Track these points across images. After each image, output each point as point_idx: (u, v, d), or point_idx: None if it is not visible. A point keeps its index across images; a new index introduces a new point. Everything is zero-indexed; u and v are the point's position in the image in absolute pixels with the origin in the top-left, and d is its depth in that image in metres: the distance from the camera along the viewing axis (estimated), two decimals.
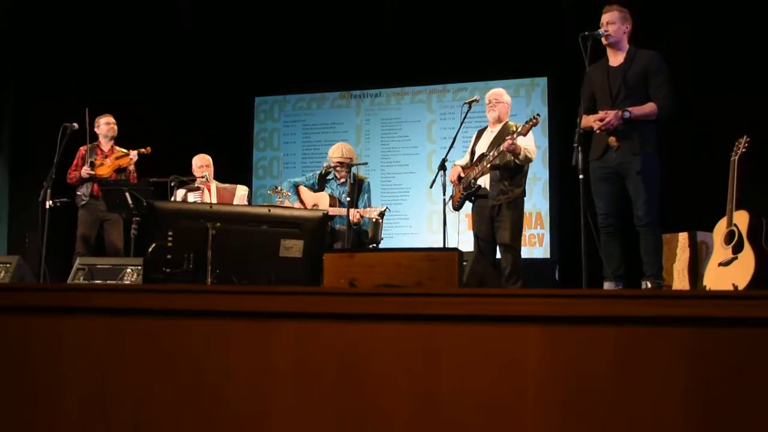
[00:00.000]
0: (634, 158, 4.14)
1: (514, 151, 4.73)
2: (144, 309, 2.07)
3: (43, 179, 5.63)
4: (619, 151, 4.19)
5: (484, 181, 4.94)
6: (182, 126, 7.58)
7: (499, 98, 5.11)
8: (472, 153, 5.15)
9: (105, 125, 6.18)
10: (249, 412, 1.95)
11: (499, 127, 5.05)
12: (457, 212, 5.31)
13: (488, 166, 4.88)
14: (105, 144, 6.21)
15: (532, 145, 4.92)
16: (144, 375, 2.03)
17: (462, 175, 5.09)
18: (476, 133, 5.27)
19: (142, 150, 6.08)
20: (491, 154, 4.86)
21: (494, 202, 4.86)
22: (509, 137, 4.73)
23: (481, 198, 4.97)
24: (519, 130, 4.73)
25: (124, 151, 6.15)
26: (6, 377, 2.10)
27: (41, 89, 7.34)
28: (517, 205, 4.88)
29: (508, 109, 5.15)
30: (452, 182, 5.15)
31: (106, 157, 6.12)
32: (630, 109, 4.14)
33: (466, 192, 5.02)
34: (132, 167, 6.11)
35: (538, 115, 4.79)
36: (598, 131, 4.22)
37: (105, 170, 6.03)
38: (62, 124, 5.66)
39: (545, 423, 1.81)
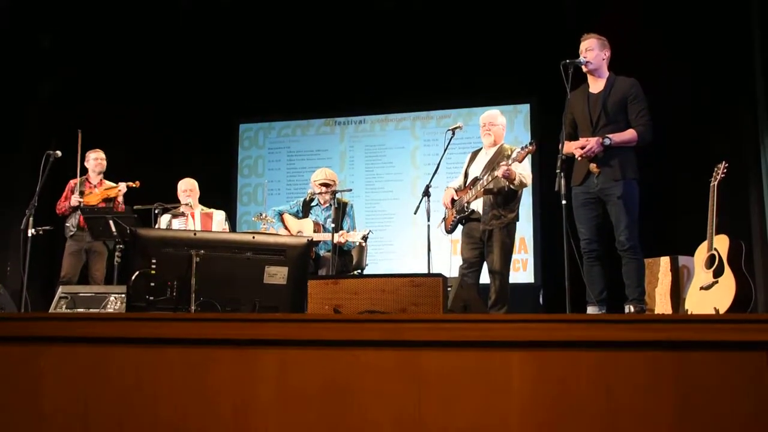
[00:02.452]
0: (615, 184, 4.18)
1: (509, 176, 4.71)
2: (127, 338, 2.07)
3: (25, 207, 5.59)
4: (600, 177, 4.23)
5: (477, 205, 4.91)
6: (166, 152, 7.58)
7: (494, 121, 5.07)
8: (466, 175, 5.13)
9: (93, 160, 6.26)
10: None
11: (494, 149, 5.02)
12: (445, 237, 5.28)
13: (482, 190, 4.85)
14: (94, 178, 6.28)
15: (528, 170, 4.90)
16: (126, 404, 2.02)
17: (455, 197, 5.06)
18: (470, 154, 5.23)
19: (131, 183, 6.14)
20: (485, 178, 4.83)
21: (486, 227, 4.83)
22: (504, 163, 4.71)
23: (473, 221, 4.94)
24: (514, 156, 4.70)
25: (113, 184, 6.21)
26: None
27: (25, 117, 7.31)
28: (509, 230, 4.85)
29: (503, 132, 5.12)
30: (445, 205, 5.12)
31: (95, 188, 6.20)
32: (610, 136, 4.19)
33: (459, 216, 4.98)
34: (120, 199, 6.17)
35: (534, 142, 4.73)
36: (579, 158, 4.27)
37: (93, 198, 6.08)
38: (45, 152, 5.64)
39: None
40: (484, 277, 4.98)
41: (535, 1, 6.80)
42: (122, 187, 6.11)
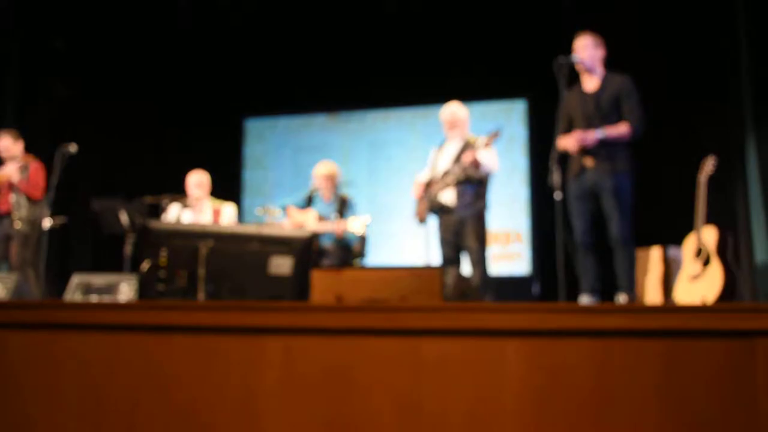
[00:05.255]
0: (609, 178, 4.25)
1: (474, 163, 4.77)
2: (138, 325, 2.12)
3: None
4: (595, 171, 4.30)
5: (448, 197, 4.93)
6: (174, 148, 7.65)
7: (457, 113, 5.11)
8: (436, 169, 5.13)
9: None
10: (239, 425, 2.00)
11: (458, 141, 5.06)
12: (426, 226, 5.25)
13: (454, 180, 4.88)
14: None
15: (495, 157, 4.93)
16: (138, 389, 2.07)
17: (427, 190, 5.06)
18: (436, 149, 5.24)
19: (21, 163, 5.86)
20: (454, 169, 4.88)
21: (461, 215, 4.86)
22: (470, 150, 4.78)
23: (446, 214, 4.95)
24: (483, 142, 4.75)
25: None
26: (5, 392, 2.15)
27: (38, 110, 7.37)
28: (481, 217, 4.88)
29: (466, 123, 5.14)
30: (418, 197, 5.11)
31: None
32: (604, 129, 4.26)
33: (432, 209, 4.99)
34: (31, 177, 5.80)
35: (498, 131, 4.75)
36: (575, 151, 4.34)
37: None
38: (59, 147, 5.71)
39: None
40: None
41: None
42: (9, 170, 5.82)
